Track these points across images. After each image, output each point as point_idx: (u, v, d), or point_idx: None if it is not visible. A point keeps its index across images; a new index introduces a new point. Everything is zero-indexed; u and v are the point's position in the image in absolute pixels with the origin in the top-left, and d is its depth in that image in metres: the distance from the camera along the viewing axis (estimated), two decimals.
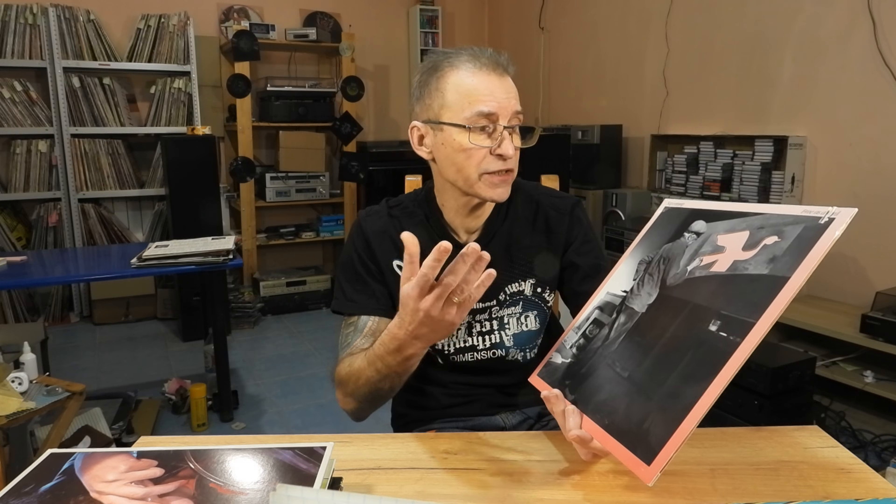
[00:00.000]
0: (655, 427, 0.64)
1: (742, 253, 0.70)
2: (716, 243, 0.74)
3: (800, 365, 2.34)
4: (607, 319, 0.82)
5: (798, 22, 2.95)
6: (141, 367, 3.29)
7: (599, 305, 0.85)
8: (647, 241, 0.86)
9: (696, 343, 0.67)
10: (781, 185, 2.95)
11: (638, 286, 0.81)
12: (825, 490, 0.68)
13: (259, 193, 4.47)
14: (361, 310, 1.07)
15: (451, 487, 0.70)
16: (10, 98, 3.78)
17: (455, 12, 5.31)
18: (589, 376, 0.77)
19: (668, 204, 0.88)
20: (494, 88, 0.97)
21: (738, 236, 0.72)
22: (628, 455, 0.64)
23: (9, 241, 3.81)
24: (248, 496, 0.60)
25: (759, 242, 0.69)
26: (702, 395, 0.62)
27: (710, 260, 0.73)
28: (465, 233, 1.08)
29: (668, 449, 0.61)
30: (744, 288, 0.67)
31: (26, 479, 0.64)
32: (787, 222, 0.68)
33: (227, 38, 4.22)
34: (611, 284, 0.87)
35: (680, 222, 0.82)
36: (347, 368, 0.93)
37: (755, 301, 0.64)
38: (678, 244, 0.80)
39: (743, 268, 0.69)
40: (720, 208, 0.78)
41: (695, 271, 0.74)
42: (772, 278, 0.65)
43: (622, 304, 0.82)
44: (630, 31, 3.97)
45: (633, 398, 0.69)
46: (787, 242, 0.66)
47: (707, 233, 0.77)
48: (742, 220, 0.74)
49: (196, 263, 2.46)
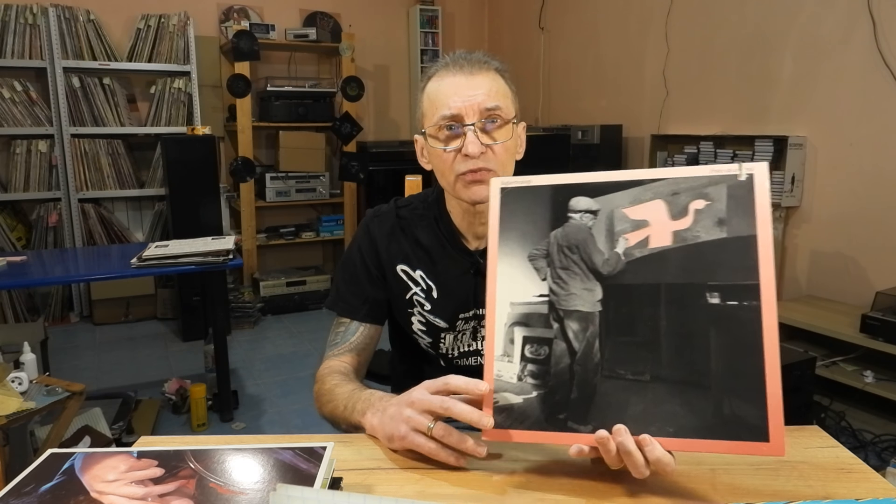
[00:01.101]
0: (743, 408, 0.63)
1: (675, 223, 0.68)
2: (630, 218, 0.69)
3: (800, 365, 2.34)
4: (548, 333, 0.71)
5: (798, 22, 2.95)
6: (141, 367, 3.29)
7: (518, 321, 0.72)
8: (512, 233, 0.74)
9: (710, 320, 0.65)
10: (781, 185, 2.95)
11: (560, 285, 0.72)
12: (825, 490, 0.68)
13: (259, 193, 4.47)
14: (352, 313, 1.10)
15: (451, 487, 0.70)
16: (10, 98, 3.78)
17: (455, 12, 5.31)
18: (593, 396, 0.68)
19: (502, 184, 0.76)
20: (459, 88, 0.96)
21: (652, 206, 0.69)
22: (735, 445, 0.63)
23: (9, 241, 3.81)
24: (248, 496, 0.60)
25: (687, 208, 0.68)
26: (766, 362, 0.63)
27: (639, 237, 0.69)
28: (473, 238, 1.07)
29: (776, 418, 0.62)
30: (714, 255, 0.66)
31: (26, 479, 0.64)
32: (703, 184, 0.68)
33: (227, 38, 4.23)
34: (506, 293, 0.73)
35: (547, 203, 0.73)
36: (325, 387, 0.97)
37: (739, 265, 0.65)
38: (575, 228, 0.71)
39: (693, 237, 0.67)
40: (582, 181, 0.72)
41: (632, 252, 0.69)
42: (739, 239, 0.65)
43: (555, 310, 0.71)
44: (630, 31, 3.98)
45: (685, 396, 0.65)
46: (721, 203, 0.67)
47: (604, 209, 0.70)
48: (641, 189, 0.69)
49: (196, 263, 2.46)
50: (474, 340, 1.09)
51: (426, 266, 1.07)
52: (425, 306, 1.07)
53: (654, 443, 0.63)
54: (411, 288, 1.08)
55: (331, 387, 0.96)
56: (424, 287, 1.07)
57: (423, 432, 0.73)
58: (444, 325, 1.07)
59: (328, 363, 1.04)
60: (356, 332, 1.09)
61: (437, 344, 1.09)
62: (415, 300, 1.08)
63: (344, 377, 0.98)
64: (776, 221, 3.01)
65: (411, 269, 1.08)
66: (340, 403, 0.92)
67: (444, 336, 1.08)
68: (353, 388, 0.93)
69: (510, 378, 0.71)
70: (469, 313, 1.07)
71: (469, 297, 1.06)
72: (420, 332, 1.09)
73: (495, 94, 0.97)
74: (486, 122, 0.96)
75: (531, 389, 0.71)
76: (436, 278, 1.07)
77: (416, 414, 0.74)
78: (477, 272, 1.05)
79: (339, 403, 0.92)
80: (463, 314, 1.06)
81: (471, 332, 1.09)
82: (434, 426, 0.73)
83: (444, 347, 1.09)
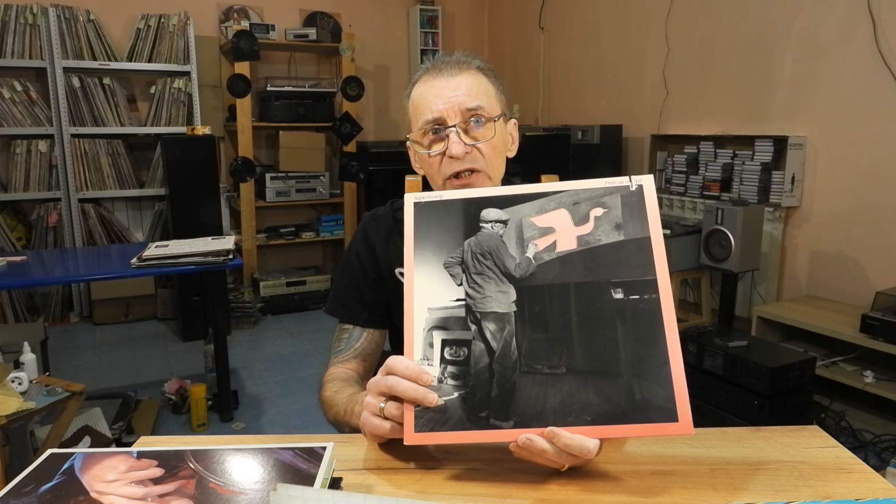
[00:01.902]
0: (652, 391, 0.67)
1: (578, 228, 0.75)
2: (537, 225, 0.76)
3: (800, 365, 2.34)
4: (466, 334, 0.73)
5: (798, 22, 2.95)
6: (141, 367, 3.29)
7: (436, 325, 0.74)
8: (427, 243, 0.77)
9: (615, 314, 0.70)
10: (781, 185, 2.95)
11: (475, 289, 0.75)
12: (825, 490, 0.68)
13: (259, 193, 4.47)
14: (352, 318, 1.10)
15: (451, 487, 0.70)
16: (10, 98, 3.78)
17: (455, 12, 5.31)
18: (513, 392, 0.70)
19: (415, 198, 0.80)
20: (440, 91, 0.96)
21: (557, 215, 0.76)
22: (648, 428, 0.67)
23: (9, 241, 3.81)
24: (248, 496, 0.60)
25: (588, 215, 0.75)
26: (668, 348, 0.68)
27: (546, 242, 0.75)
28: None
29: (682, 398, 0.67)
30: (615, 255, 0.73)
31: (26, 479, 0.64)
32: (600, 194, 0.76)
33: (227, 38, 4.23)
34: (423, 299, 0.75)
35: (460, 215, 0.78)
36: (327, 394, 0.97)
37: (637, 262, 0.72)
38: (487, 236, 0.76)
39: (595, 240, 0.74)
40: (491, 194, 0.78)
41: (541, 256, 0.74)
42: (634, 241, 0.73)
43: (472, 312, 0.74)
44: (630, 31, 3.98)
45: (598, 385, 0.69)
46: (617, 210, 0.75)
47: (513, 219, 0.77)
48: (546, 199, 0.76)
49: (196, 263, 2.46)
50: None
51: None
52: None
53: (559, 433, 0.66)
54: None
55: (331, 393, 0.97)
56: None
57: (378, 414, 0.73)
58: None
59: (331, 370, 1.04)
60: (360, 338, 1.08)
61: None
62: None
63: (344, 383, 0.98)
64: (776, 221, 3.01)
65: None
66: (341, 408, 0.92)
67: None
68: (353, 391, 0.93)
69: (430, 381, 0.73)
70: None
71: None
72: None
73: (476, 94, 0.97)
74: (469, 121, 0.95)
75: (452, 391, 0.72)
76: None
77: (371, 398, 0.74)
78: None
79: (340, 409, 0.92)
80: None
81: None
82: (385, 405, 0.72)
83: None
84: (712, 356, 2.46)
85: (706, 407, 2.50)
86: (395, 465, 0.75)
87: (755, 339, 2.61)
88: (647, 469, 0.73)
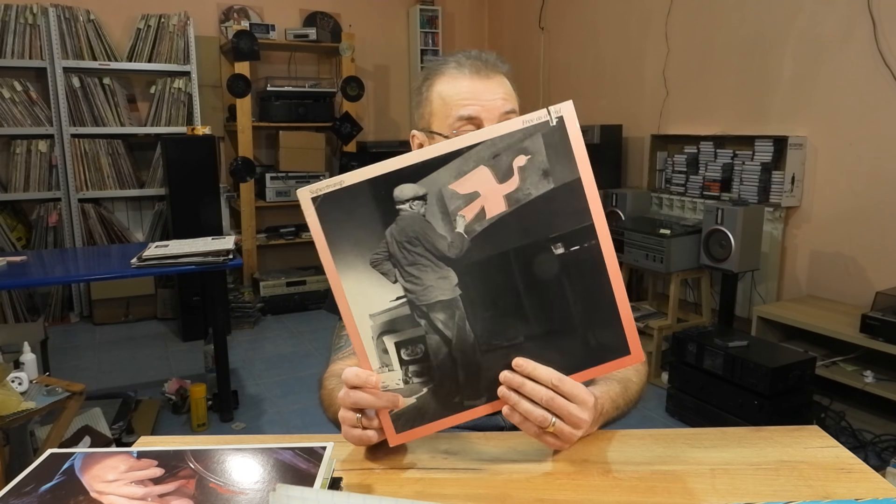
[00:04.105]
0: (605, 336, 0.70)
1: (504, 186, 0.68)
2: (460, 193, 0.68)
3: (800, 365, 2.34)
4: (418, 331, 0.70)
5: (798, 22, 2.95)
6: (141, 367, 3.29)
7: (384, 331, 0.71)
8: (343, 243, 0.69)
9: (560, 270, 0.69)
10: (781, 185, 2.95)
11: (413, 282, 0.70)
12: (825, 490, 0.68)
13: (259, 193, 4.47)
14: None
15: (451, 487, 0.70)
16: (10, 98, 3.78)
17: (455, 12, 5.31)
18: (479, 372, 0.71)
19: (311, 193, 0.68)
20: (477, 91, 0.95)
21: (478, 175, 0.67)
22: (606, 366, 0.71)
23: (9, 241, 3.81)
24: (248, 496, 0.60)
25: (510, 168, 0.68)
26: (614, 291, 0.69)
27: (474, 210, 0.68)
28: None
29: (632, 334, 0.70)
30: (548, 208, 0.68)
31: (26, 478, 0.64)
32: (520, 139, 0.67)
33: (227, 38, 4.23)
34: (361, 307, 0.70)
35: (370, 201, 0.67)
36: (325, 392, 0.97)
37: (572, 210, 0.68)
38: (409, 219, 0.68)
39: (525, 196, 0.68)
40: (397, 166, 0.67)
41: (472, 227, 0.68)
42: (565, 186, 0.68)
43: (417, 307, 0.70)
44: (630, 31, 3.98)
45: (556, 344, 0.70)
46: (541, 155, 0.67)
47: (431, 191, 0.67)
48: (462, 159, 0.67)
49: (196, 263, 2.46)
50: None
51: None
52: None
53: (528, 362, 0.70)
54: None
55: (329, 391, 0.96)
56: None
57: (356, 426, 0.74)
58: None
59: (331, 367, 1.04)
60: None
61: None
62: None
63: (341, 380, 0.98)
64: (776, 221, 3.01)
65: None
66: (338, 407, 0.92)
67: None
68: None
69: (397, 384, 0.72)
70: None
71: None
72: None
73: (509, 99, 0.97)
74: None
75: (420, 387, 0.72)
76: None
77: (344, 412, 0.75)
78: None
79: (337, 408, 0.92)
80: None
81: None
82: (361, 417, 0.73)
83: None
84: (712, 356, 2.46)
85: (706, 407, 2.50)
86: (395, 465, 0.75)
87: (755, 339, 2.61)
88: (647, 469, 0.73)
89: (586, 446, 0.79)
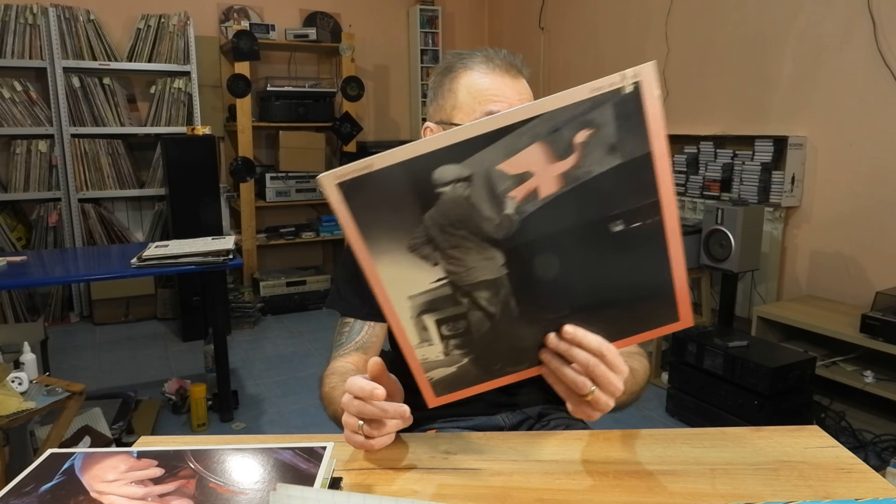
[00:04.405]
0: (658, 306, 0.67)
1: (562, 164, 0.60)
2: (509, 174, 0.60)
3: (800, 365, 2.34)
4: (460, 309, 0.67)
5: (798, 22, 2.95)
6: (141, 367, 3.29)
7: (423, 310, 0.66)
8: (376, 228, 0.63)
9: (616, 247, 0.64)
10: (781, 185, 2.95)
11: (455, 264, 0.64)
12: (825, 490, 0.68)
13: (259, 193, 4.47)
14: (353, 312, 1.09)
15: (451, 487, 0.70)
16: (10, 98, 3.78)
17: (455, 12, 5.31)
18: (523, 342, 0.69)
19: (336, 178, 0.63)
20: (506, 89, 0.95)
21: (532, 153, 0.59)
22: (653, 332, 0.69)
23: (9, 241, 3.81)
24: (248, 496, 0.60)
25: (570, 144, 0.59)
26: (672, 262, 0.64)
27: (526, 191, 0.61)
28: None
29: (684, 301, 0.67)
30: (611, 185, 0.61)
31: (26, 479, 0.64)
32: (584, 110, 0.58)
33: (227, 38, 4.22)
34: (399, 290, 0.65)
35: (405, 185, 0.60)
36: (325, 390, 0.97)
37: (638, 186, 0.61)
38: (450, 203, 0.61)
39: (585, 174, 0.60)
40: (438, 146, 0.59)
41: (524, 208, 0.62)
42: (632, 162, 0.60)
43: (458, 288, 0.65)
44: (630, 31, 3.98)
45: (605, 314, 0.67)
46: (610, 128, 0.59)
47: (477, 172, 0.60)
48: (515, 136, 0.59)
49: (196, 263, 2.46)
50: None
51: None
52: None
53: (577, 330, 0.67)
54: None
55: (329, 389, 0.97)
56: None
57: (357, 432, 0.73)
58: None
59: (332, 365, 1.04)
60: (361, 331, 1.08)
61: None
62: None
63: (342, 378, 0.98)
64: (776, 221, 3.01)
65: None
66: (338, 406, 0.92)
67: None
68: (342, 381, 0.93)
69: (437, 357, 0.69)
70: None
71: None
72: None
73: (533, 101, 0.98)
74: None
75: (461, 358, 0.70)
76: None
77: (348, 417, 0.74)
78: None
79: (337, 406, 0.92)
80: None
81: None
82: (363, 425, 0.73)
83: None
84: (712, 356, 2.46)
85: (706, 407, 2.50)
86: (395, 465, 0.75)
87: (755, 339, 2.61)
88: (647, 469, 0.73)
89: (586, 446, 0.79)
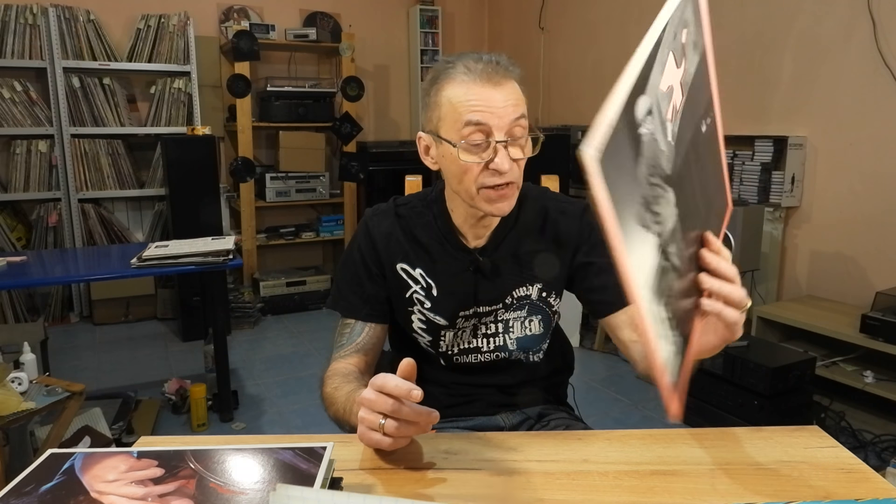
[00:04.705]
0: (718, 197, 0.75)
1: (680, 71, 0.57)
2: (665, 93, 0.55)
3: (800, 365, 2.34)
4: (667, 280, 0.58)
5: (798, 22, 2.95)
6: (141, 367, 3.29)
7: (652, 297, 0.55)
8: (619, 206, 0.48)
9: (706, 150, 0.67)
10: (781, 185, 2.95)
11: (658, 222, 0.55)
12: (825, 490, 0.68)
13: (259, 193, 4.47)
14: (354, 313, 1.09)
15: (451, 487, 0.70)
16: (10, 98, 3.78)
17: (455, 12, 5.31)
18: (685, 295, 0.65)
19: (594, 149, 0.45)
20: (488, 98, 0.92)
21: (670, 65, 0.55)
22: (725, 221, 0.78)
23: (9, 241, 3.81)
24: (248, 496, 0.60)
25: (682, 47, 0.58)
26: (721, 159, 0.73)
27: (672, 109, 0.57)
28: (473, 238, 1.07)
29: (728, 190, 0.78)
30: (698, 83, 0.62)
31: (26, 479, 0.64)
32: (682, 7, 0.57)
33: (227, 38, 4.22)
34: (642, 282, 0.53)
35: (627, 135, 0.50)
36: (327, 391, 0.98)
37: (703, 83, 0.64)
38: (649, 144, 0.53)
39: (688, 77, 0.61)
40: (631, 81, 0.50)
41: (673, 129, 0.57)
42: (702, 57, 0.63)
43: (664, 252, 0.57)
44: (630, 31, 3.97)
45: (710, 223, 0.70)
46: (692, 24, 0.59)
47: (655, 101, 0.54)
48: (661, 52, 0.54)
49: (196, 263, 2.46)
50: (474, 338, 1.09)
51: (425, 264, 1.07)
52: (425, 304, 1.07)
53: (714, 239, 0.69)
54: (411, 286, 1.08)
55: (331, 390, 0.97)
56: (424, 285, 1.07)
57: (377, 430, 0.73)
58: (445, 323, 1.07)
59: (333, 365, 1.04)
60: (362, 333, 1.08)
61: (437, 342, 1.09)
62: (415, 298, 1.08)
63: (344, 379, 0.98)
64: (776, 221, 3.01)
65: (411, 267, 1.08)
66: (340, 406, 0.92)
67: (444, 334, 1.08)
68: (352, 388, 0.93)
69: (669, 350, 0.59)
70: (469, 311, 1.07)
71: (469, 295, 1.06)
72: (420, 331, 1.09)
73: (519, 104, 0.94)
74: (514, 133, 0.93)
75: (680, 340, 0.63)
76: (435, 276, 1.07)
77: (368, 413, 0.74)
78: (476, 269, 1.05)
79: (339, 407, 0.92)
80: (463, 312, 1.07)
81: (471, 329, 1.09)
82: (385, 423, 0.73)
83: (444, 345, 1.09)
84: (712, 356, 2.46)
85: (706, 407, 2.50)
86: (395, 465, 0.76)
87: (755, 339, 2.61)
88: (647, 469, 0.73)
89: (586, 446, 0.79)
